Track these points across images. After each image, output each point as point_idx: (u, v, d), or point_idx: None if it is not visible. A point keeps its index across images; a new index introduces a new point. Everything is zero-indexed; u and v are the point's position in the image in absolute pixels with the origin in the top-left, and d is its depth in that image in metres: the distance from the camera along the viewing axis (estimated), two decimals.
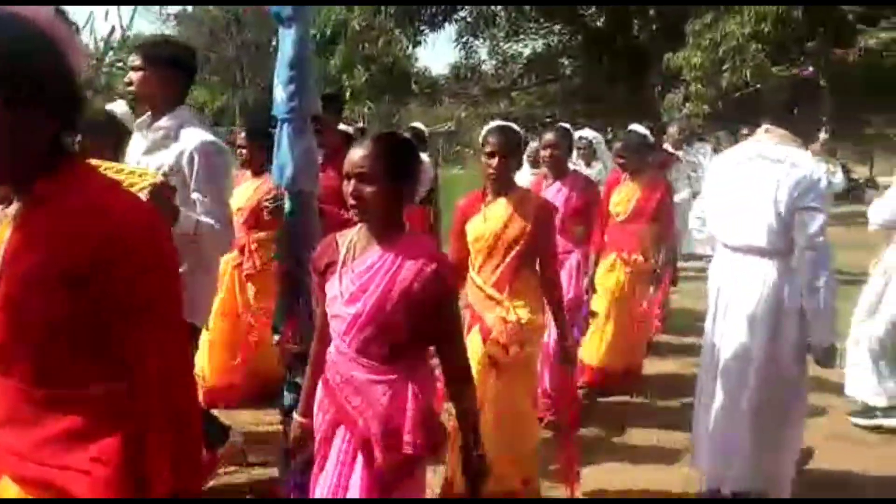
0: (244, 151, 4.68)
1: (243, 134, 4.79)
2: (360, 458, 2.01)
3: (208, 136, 2.76)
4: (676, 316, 6.64)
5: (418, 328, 2.01)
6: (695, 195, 8.09)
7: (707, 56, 11.94)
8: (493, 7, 19.37)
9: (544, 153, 4.45)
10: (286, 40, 2.64)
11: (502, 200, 3.08)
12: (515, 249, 3.04)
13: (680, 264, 8.23)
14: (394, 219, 2.03)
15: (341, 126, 6.00)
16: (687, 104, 13.13)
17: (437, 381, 2.19)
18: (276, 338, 3.14)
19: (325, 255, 2.12)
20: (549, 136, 4.49)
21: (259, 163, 4.56)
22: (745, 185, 3.04)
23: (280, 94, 2.64)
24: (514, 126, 3.23)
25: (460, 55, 21.00)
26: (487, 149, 3.07)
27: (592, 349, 4.88)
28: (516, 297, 3.05)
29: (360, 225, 2.08)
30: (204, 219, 2.64)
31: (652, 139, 5.69)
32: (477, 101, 22.97)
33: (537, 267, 3.17)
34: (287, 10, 2.61)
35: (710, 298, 3.25)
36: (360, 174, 1.95)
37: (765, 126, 3.14)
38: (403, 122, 31.38)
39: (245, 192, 4.61)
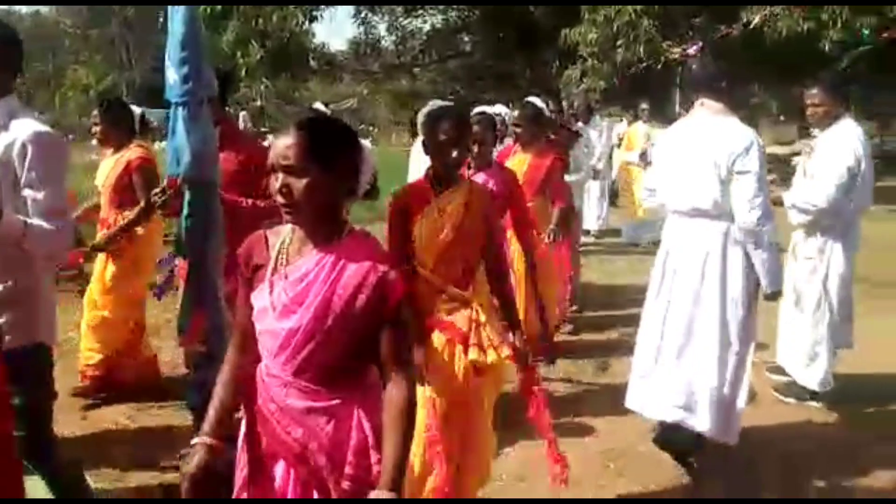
0: (98, 129, 4.61)
1: (95, 112, 4.71)
2: (314, 494, 1.77)
3: (42, 127, 2.44)
4: (587, 290, 6.80)
5: (364, 346, 1.76)
6: (595, 173, 8.38)
7: (601, 32, 12.19)
8: None
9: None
10: (175, 18, 2.47)
11: (458, 190, 2.86)
12: (475, 243, 2.85)
13: (584, 240, 8.52)
14: (331, 216, 1.77)
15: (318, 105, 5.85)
16: (584, 79, 13.40)
17: None
18: (180, 336, 3.00)
19: (253, 255, 1.85)
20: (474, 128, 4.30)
21: (117, 139, 4.56)
22: (689, 155, 3.41)
23: (173, 76, 2.47)
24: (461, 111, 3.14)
25: (359, 31, 20.63)
26: (441, 137, 2.79)
27: None
28: (477, 295, 2.88)
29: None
30: (35, 220, 2.32)
31: (549, 112, 5.76)
32: (378, 78, 22.68)
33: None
34: None
35: (658, 259, 3.61)
36: (287, 167, 1.68)
37: (700, 100, 3.48)
38: (304, 100, 30.67)
39: (105, 168, 4.61)
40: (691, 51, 11.64)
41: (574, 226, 5.97)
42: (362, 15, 19.98)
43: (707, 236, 3.38)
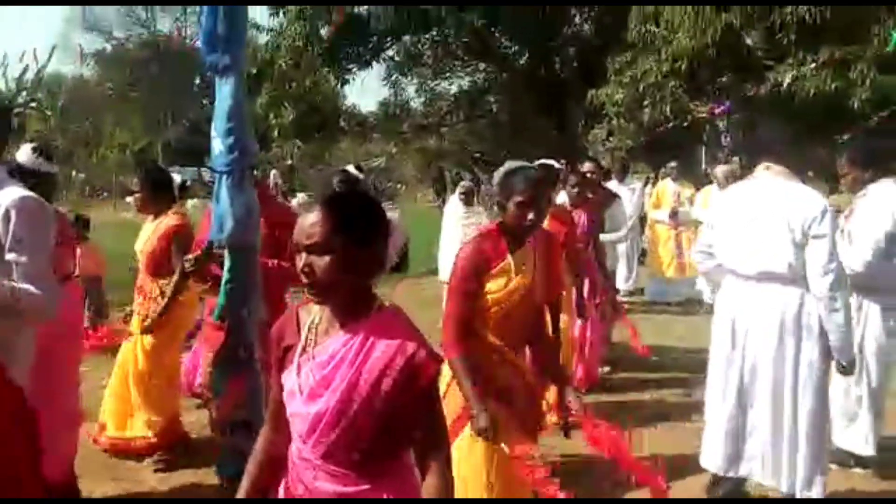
0: (138, 195, 4.60)
1: (136, 179, 4.69)
2: None
3: (27, 192, 2.45)
4: (621, 351, 6.66)
5: (395, 429, 1.69)
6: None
7: (628, 92, 12.35)
8: (419, 46, 19.61)
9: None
10: (223, 90, 2.57)
11: (527, 251, 2.86)
12: (537, 305, 2.88)
13: (624, 298, 8.44)
14: (359, 295, 1.72)
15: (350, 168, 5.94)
16: (611, 138, 13.53)
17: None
18: (215, 400, 2.99)
19: (285, 334, 1.80)
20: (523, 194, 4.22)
21: (157, 206, 4.54)
22: (759, 219, 3.44)
23: (218, 145, 2.55)
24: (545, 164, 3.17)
25: (389, 93, 21.14)
26: (518, 199, 2.75)
27: None
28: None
29: None
30: (22, 284, 2.33)
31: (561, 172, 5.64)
32: (407, 138, 23.14)
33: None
34: (224, 60, 2.54)
35: (723, 325, 3.60)
36: (310, 245, 1.64)
37: (764, 164, 3.57)
38: (334, 160, 31.32)
39: (144, 234, 4.62)
40: (718, 110, 11.74)
41: (608, 286, 5.91)
42: (392, 78, 20.50)
43: (781, 301, 3.40)
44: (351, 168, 6.03)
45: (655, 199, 9.19)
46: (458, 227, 6.36)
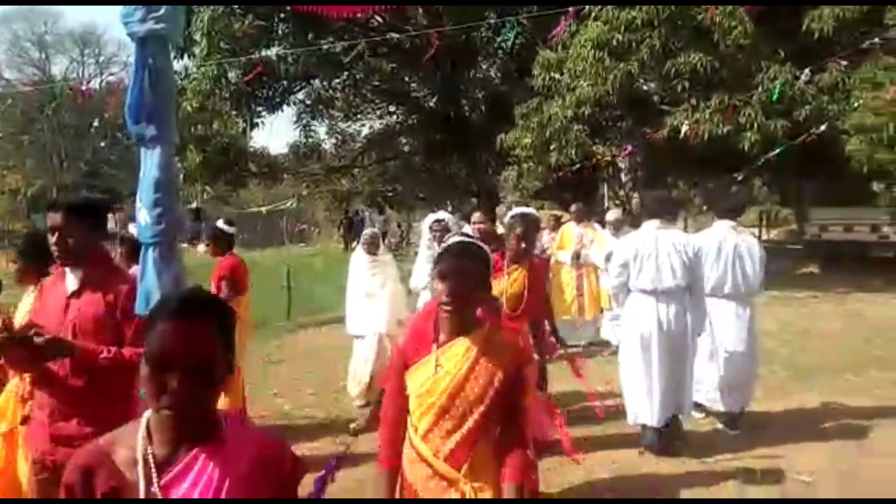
0: (16, 266, 3.81)
1: (15, 251, 3.89)
2: None
3: None
4: None
5: None
6: None
7: (535, 136, 12.80)
8: (330, 90, 19.68)
9: (513, 242, 4.17)
10: (149, 160, 2.50)
11: (462, 341, 2.22)
12: (479, 412, 2.18)
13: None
14: (211, 412, 1.50)
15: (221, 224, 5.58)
16: (520, 180, 13.93)
17: None
18: None
19: (95, 481, 1.46)
20: (518, 230, 4.19)
21: (34, 276, 3.62)
22: (661, 253, 5.02)
23: (145, 217, 2.47)
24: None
25: (300, 135, 21.03)
26: (442, 269, 2.22)
27: None
28: (480, 471, 2.22)
29: (143, 423, 1.50)
30: None
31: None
32: (318, 179, 23.01)
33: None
34: (151, 130, 2.48)
35: (637, 324, 5.06)
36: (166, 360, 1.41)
37: (653, 221, 5.20)
38: (244, 202, 30.65)
39: (22, 309, 3.67)
40: (624, 154, 12.34)
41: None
42: (303, 121, 20.43)
43: (680, 303, 5.03)
44: (221, 222, 5.62)
45: (559, 242, 8.91)
46: (364, 278, 5.82)
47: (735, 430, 5.44)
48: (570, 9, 8.00)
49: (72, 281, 2.67)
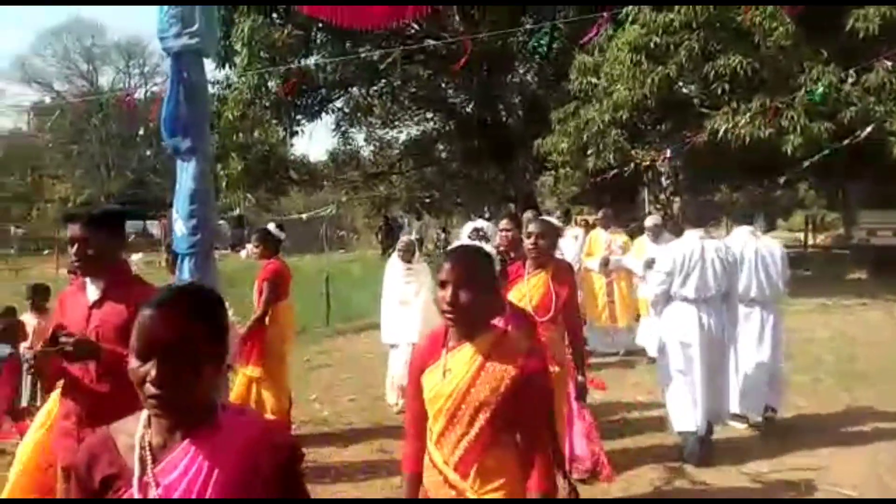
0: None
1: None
2: None
3: None
4: None
5: None
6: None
7: (572, 141, 12.72)
8: (368, 97, 19.87)
9: (528, 243, 4.16)
10: (185, 172, 2.57)
11: (469, 346, 2.18)
12: (485, 417, 2.13)
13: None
14: (201, 400, 1.48)
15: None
16: (558, 185, 13.86)
17: None
18: None
19: (97, 465, 1.49)
20: (532, 227, 4.23)
21: None
22: (701, 261, 5.06)
23: (181, 228, 2.54)
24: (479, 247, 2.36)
25: (338, 142, 21.30)
26: (442, 276, 2.16)
27: None
28: (487, 481, 2.16)
29: (145, 413, 1.50)
30: None
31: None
32: (357, 186, 23.26)
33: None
34: (186, 143, 2.55)
35: (682, 331, 5.05)
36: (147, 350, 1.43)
37: (691, 230, 5.26)
38: (284, 209, 31.09)
39: None
40: (662, 158, 12.18)
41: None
42: (341, 128, 20.69)
43: (720, 311, 5.10)
44: (272, 226, 5.69)
45: (588, 248, 8.73)
46: (398, 286, 5.87)
47: (766, 431, 5.48)
48: (605, 13, 7.91)
49: (93, 291, 2.71)
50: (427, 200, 24.71)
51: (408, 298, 5.73)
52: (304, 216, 29.55)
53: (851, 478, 4.59)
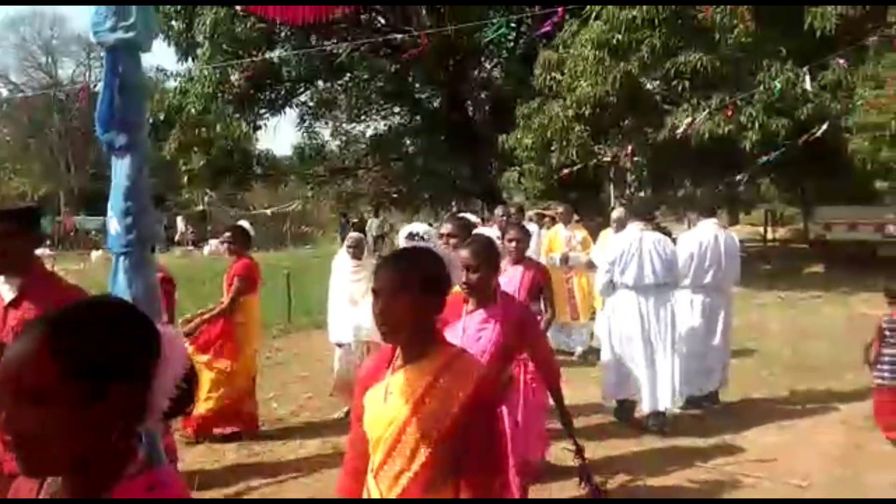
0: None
1: None
2: None
3: None
4: None
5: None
6: None
7: (537, 137, 12.77)
8: (333, 92, 19.69)
9: (509, 245, 4.58)
10: (120, 169, 2.49)
11: (414, 367, 1.91)
12: (429, 450, 1.86)
13: None
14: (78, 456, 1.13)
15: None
16: (522, 181, 13.91)
17: None
18: None
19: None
20: (511, 232, 4.76)
21: None
22: (648, 252, 5.48)
23: (115, 226, 2.46)
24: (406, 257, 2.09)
25: (304, 137, 21.05)
26: (373, 285, 1.92)
27: None
28: None
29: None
30: None
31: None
32: (323, 181, 23.05)
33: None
34: (121, 138, 2.47)
35: (627, 315, 5.51)
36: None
37: (636, 223, 5.72)
38: (248, 204, 30.71)
39: None
40: (623, 155, 12.28)
41: None
42: (306, 123, 20.47)
43: (659, 298, 5.49)
44: (244, 222, 5.73)
45: (548, 244, 8.69)
46: (346, 284, 5.65)
47: (715, 405, 5.94)
48: (559, 9, 7.93)
49: (7, 291, 2.63)
50: (394, 196, 24.59)
51: (356, 297, 5.54)
52: (269, 211, 29.31)
53: (802, 469, 4.68)
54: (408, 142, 22.58)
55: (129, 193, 2.48)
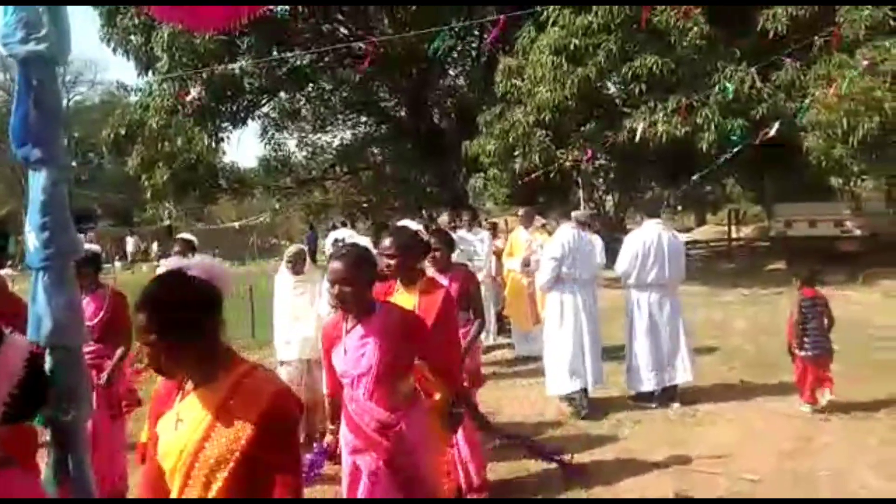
0: None
1: None
2: None
3: None
4: None
5: None
6: None
7: (499, 143, 12.82)
8: (296, 102, 19.59)
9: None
10: (37, 183, 2.44)
11: (202, 390, 1.85)
12: (222, 478, 1.79)
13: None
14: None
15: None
16: (487, 187, 13.97)
17: None
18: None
19: None
20: (431, 241, 4.14)
21: None
22: (662, 250, 6.17)
23: (33, 241, 2.41)
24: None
25: (269, 148, 20.90)
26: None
27: None
28: None
29: None
30: None
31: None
32: (290, 193, 22.90)
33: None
34: (37, 152, 2.42)
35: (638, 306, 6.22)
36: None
37: (652, 220, 6.42)
38: (215, 218, 30.42)
39: None
40: (584, 159, 12.37)
41: None
42: (269, 134, 20.32)
43: (589, 292, 6.17)
44: (187, 234, 5.62)
45: (509, 249, 8.56)
46: (289, 300, 5.40)
47: (675, 403, 6.06)
48: (501, 17, 7.97)
49: None
50: (364, 205, 24.52)
51: (300, 312, 5.31)
52: (237, 224, 29.06)
53: (756, 465, 4.72)
54: (375, 150, 22.56)
55: (46, 208, 2.42)
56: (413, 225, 3.73)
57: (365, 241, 4.18)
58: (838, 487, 4.35)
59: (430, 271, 4.13)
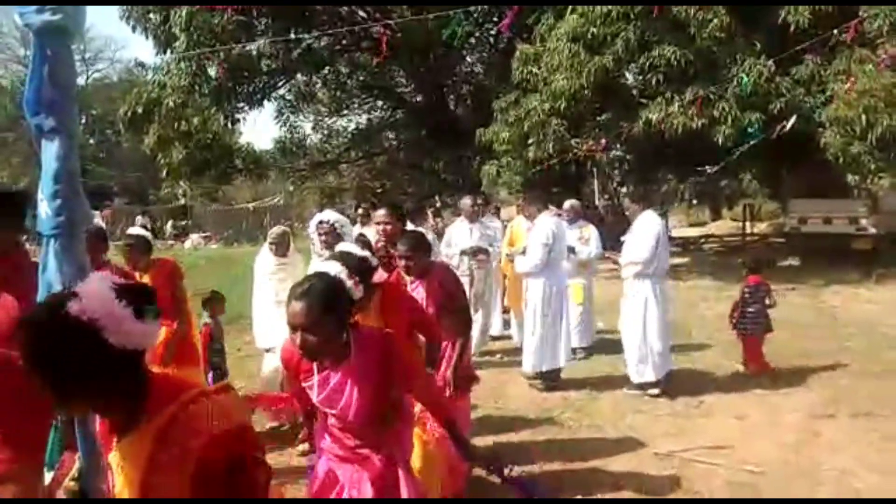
0: None
1: None
2: None
3: None
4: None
5: None
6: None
7: (514, 131, 12.78)
8: (312, 85, 19.59)
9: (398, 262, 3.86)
10: (49, 152, 2.48)
11: (133, 436, 1.58)
12: None
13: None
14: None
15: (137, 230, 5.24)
16: (500, 175, 13.93)
17: None
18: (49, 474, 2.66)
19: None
20: (399, 247, 3.89)
21: None
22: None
23: (45, 209, 2.45)
24: None
25: (284, 130, 20.95)
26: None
27: None
28: None
29: None
30: None
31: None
32: (304, 175, 22.96)
33: None
34: (50, 122, 2.46)
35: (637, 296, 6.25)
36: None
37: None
38: (231, 199, 30.54)
39: None
40: (598, 148, 12.31)
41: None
42: (284, 116, 20.37)
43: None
44: (137, 229, 5.14)
45: (509, 238, 8.35)
46: (270, 283, 5.14)
47: (657, 391, 6.10)
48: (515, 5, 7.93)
49: None
50: (378, 190, 24.56)
51: (281, 297, 5.24)
52: (251, 206, 29.16)
53: (758, 457, 4.73)
54: (390, 135, 22.58)
55: (58, 176, 2.47)
56: (357, 251, 3.26)
57: (356, 229, 4.18)
58: (840, 483, 4.35)
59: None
